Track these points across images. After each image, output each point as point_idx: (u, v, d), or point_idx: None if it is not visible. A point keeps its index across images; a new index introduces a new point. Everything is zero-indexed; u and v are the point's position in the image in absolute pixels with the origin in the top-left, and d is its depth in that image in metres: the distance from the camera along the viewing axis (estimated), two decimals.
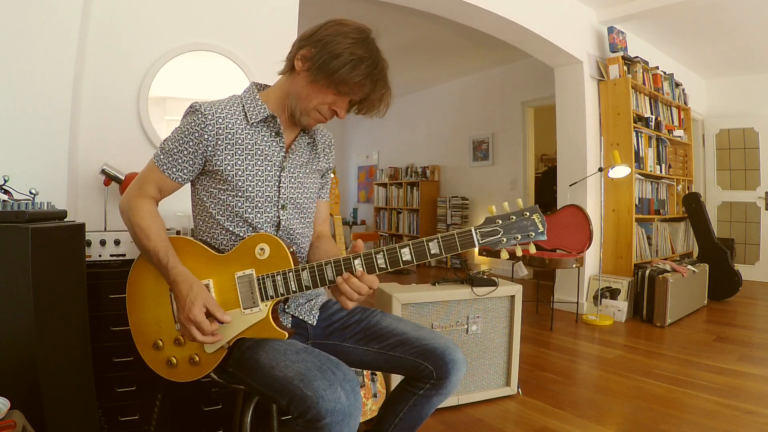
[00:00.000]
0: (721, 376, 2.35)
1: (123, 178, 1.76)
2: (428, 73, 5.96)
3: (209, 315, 0.97)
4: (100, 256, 1.50)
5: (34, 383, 1.04)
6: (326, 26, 1.03)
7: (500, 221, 0.95)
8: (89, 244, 1.48)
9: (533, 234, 0.95)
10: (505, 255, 1.00)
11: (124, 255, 1.52)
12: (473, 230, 0.95)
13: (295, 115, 1.09)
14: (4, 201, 1.14)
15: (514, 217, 0.95)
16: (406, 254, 0.96)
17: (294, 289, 1.00)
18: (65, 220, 1.32)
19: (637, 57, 3.95)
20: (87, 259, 1.43)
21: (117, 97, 1.89)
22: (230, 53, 2.08)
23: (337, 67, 0.98)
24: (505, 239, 0.95)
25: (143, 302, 1.09)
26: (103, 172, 1.75)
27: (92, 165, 1.80)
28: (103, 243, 1.50)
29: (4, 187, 1.28)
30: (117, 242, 1.52)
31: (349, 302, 0.99)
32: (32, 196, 1.27)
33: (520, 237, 0.95)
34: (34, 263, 1.05)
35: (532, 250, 0.99)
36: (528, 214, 0.95)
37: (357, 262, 0.98)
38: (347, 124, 8.57)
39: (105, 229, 1.80)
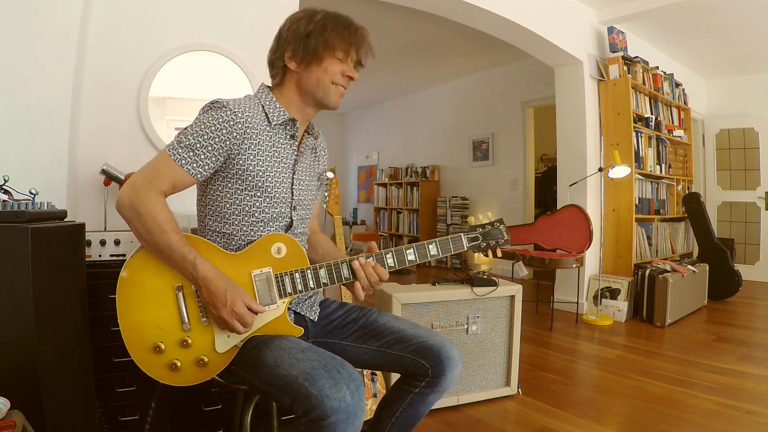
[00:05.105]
0: (721, 376, 2.35)
1: (123, 178, 1.76)
2: (428, 73, 5.96)
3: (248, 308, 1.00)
4: (100, 256, 1.50)
5: (34, 383, 1.04)
6: (282, 28, 1.13)
7: (479, 229, 1.19)
8: (89, 244, 1.48)
9: (501, 240, 1.20)
10: (488, 258, 1.10)
11: (124, 255, 1.52)
12: (462, 236, 1.17)
13: (321, 101, 1.13)
14: (4, 201, 1.14)
15: (488, 227, 1.20)
16: (410, 254, 1.12)
17: (312, 286, 1.06)
18: (65, 220, 1.32)
19: (637, 57, 3.95)
20: (87, 259, 1.43)
21: (117, 97, 1.89)
22: (230, 53, 2.08)
23: (315, 39, 1.07)
24: (483, 244, 1.19)
25: (141, 304, 1.01)
26: (103, 171, 1.75)
27: (92, 165, 1.80)
28: (103, 243, 1.50)
29: (4, 187, 1.28)
30: (117, 242, 1.52)
31: (361, 292, 1.06)
32: (32, 196, 1.27)
33: (493, 242, 1.19)
34: (34, 263, 1.05)
35: (499, 254, 1.22)
36: (497, 224, 1.20)
37: (370, 260, 1.08)
38: (347, 124, 8.58)
39: (105, 229, 1.80)
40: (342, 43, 1.08)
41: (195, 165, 1.02)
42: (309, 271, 1.05)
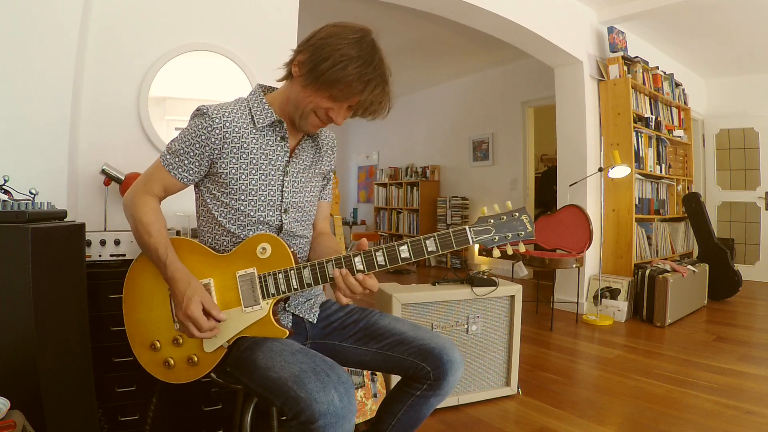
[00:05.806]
0: (721, 376, 2.35)
1: (123, 178, 1.76)
2: (428, 73, 5.96)
3: (206, 313, 0.98)
4: (100, 256, 1.50)
5: (34, 383, 1.04)
6: (322, 30, 1.02)
7: (492, 221, 1.01)
8: (89, 244, 1.48)
9: (522, 233, 1.01)
10: (497, 253, 1.01)
11: (124, 255, 1.52)
12: (467, 228, 0.99)
13: (294, 120, 1.09)
14: (4, 201, 1.14)
15: (505, 217, 1.01)
16: (404, 251, 0.99)
17: (296, 287, 1.01)
18: (65, 220, 1.32)
19: (637, 57, 3.95)
20: (87, 259, 1.43)
21: (117, 97, 1.89)
22: (230, 53, 2.08)
23: (326, 69, 0.97)
24: (496, 237, 1.00)
25: (141, 302, 1.08)
26: (103, 172, 1.75)
27: (92, 165, 1.80)
28: (103, 243, 1.50)
29: (4, 187, 1.28)
30: (117, 242, 1.52)
31: (343, 298, 1.00)
32: (32, 196, 1.27)
33: (510, 236, 1.00)
34: (34, 263, 1.05)
35: (522, 249, 1.03)
36: (517, 214, 1.01)
37: (357, 259, 0.99)
38: (347, 123, 8.55)
39: (105, 229, 1.80)
40: (346, 90, 0.98)
41: (180, 170, 1.07)
42: (292, 272, 1.01)
